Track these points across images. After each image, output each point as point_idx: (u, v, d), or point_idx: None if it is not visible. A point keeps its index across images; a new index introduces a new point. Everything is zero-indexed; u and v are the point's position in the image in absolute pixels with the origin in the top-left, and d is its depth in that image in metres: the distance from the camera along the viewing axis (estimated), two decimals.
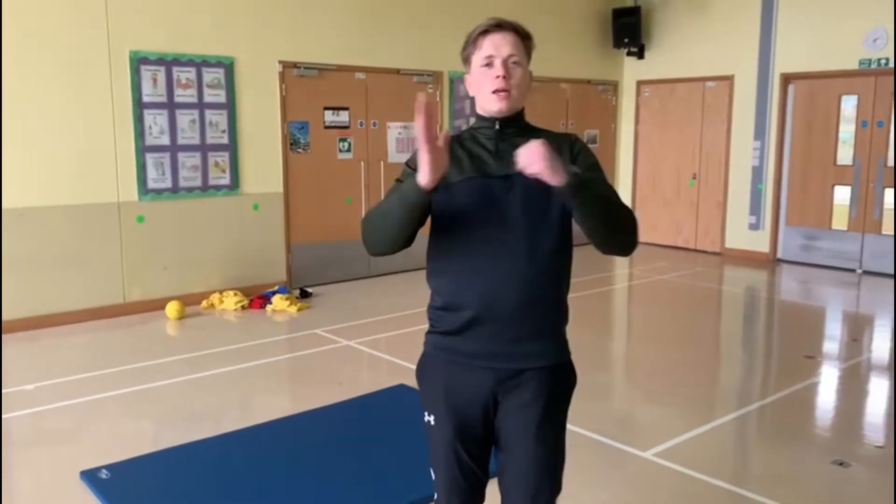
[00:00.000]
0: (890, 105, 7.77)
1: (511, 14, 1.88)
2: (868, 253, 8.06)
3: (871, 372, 5.05)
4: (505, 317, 1.81)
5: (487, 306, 1.81)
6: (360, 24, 7.30)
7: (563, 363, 1.92)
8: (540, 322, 1.85)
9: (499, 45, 1.84)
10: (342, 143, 7.39)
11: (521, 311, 1.81)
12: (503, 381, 1.85)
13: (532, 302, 1.82)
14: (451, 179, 1.81)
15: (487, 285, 1.81)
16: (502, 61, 1.83)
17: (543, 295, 1.84)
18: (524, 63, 1.87)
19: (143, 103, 6.08)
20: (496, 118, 1.87)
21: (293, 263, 7.15)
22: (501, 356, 1.84)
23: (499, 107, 1.84)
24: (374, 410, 4.17)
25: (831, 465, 3.51)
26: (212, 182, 6.53)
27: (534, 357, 1.85)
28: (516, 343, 1.83)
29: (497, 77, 1.82)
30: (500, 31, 1.85)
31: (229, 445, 3.68)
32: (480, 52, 1.85)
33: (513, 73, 1.84)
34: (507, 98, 1.83)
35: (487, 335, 1.83)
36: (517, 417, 1.86)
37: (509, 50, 1.84)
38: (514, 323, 1.82)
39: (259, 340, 5.51)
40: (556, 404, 1.90)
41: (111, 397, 4.38)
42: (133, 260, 6.15)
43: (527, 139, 1.76)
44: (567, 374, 1.93)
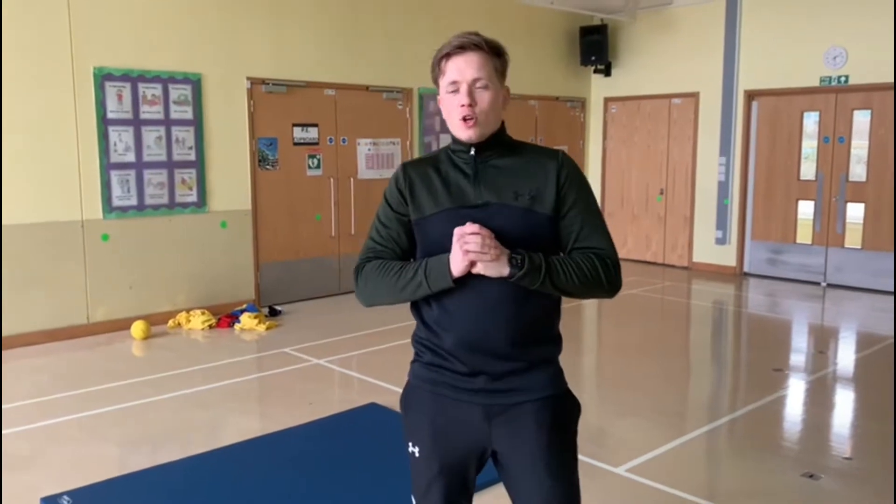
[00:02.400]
0: (850, 121, 7.94)
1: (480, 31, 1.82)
2: (832, 266, 8.20)
3: (837, 384, 5.11)
4: (492, 350, 1.74)
5: (474, 339, 1.75)
6: (329, 41, 7.29)
7: (558, 394, 1.82)
8: (530, 353, 1.77)
9: (462, 69, 1.72)
10: (311, 159, 7.34)
11: (508, 343, 1.74)
12: (494, 416, 1.77)
13: (520, 333, 1.75)
14: (427, 212, 1.77)
15: (473, 318, 1.74)
16: (467, 87, 1.72)
17: (532, 325, 1.77)
18: (494, 84, 1.75)
19: (108, 120, 5.99)
20: (470, 144, 1.78)
21: (262, 281, 7.07)
22: (491, 391, 1.76)
23: (467, 135, 1.75)
24: (346, 430, 4.12)
25: (801, 477, 3.54)
26: (178, 199, 6.44)
27: (526, 390, 1.77)
28: (506, 376, 1.76)
29: (462, 105, 1.72)
30: (462, 54, 1.73)
31: (197, 468, 3.60)
32: (444, 77, 1.76)
33: (479, 99, 1.73)
34: (476, 125, 1.73)
35: (474, 369, 1.76)
36: (521, 454, 1.77)
37: (473, 73, 1.72)
38: (502, 356, 1.75)
39: (227, 360, 5.43)
40: (560, 435, 1.80)
41: (73, 420, 4.27)
42: (97, 279, 6.03)
43: (505, 160, 1.76)
44: (566, 403, 1.83)
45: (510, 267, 1.65)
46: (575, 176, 1.79)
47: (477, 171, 1.78)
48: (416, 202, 1.79)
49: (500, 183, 1.76)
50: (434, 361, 1.81)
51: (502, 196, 1.74)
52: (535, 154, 1.81)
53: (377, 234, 1.85)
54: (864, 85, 7.72)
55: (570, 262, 1.72)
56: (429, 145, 8.26)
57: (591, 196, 1.82)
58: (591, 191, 1.82)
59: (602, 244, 1.77)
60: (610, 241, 1.80)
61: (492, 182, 1.76)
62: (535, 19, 9.04)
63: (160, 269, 6.37)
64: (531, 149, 1.84)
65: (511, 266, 1.65)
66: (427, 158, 1.87)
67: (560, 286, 1.71)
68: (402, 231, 1.82)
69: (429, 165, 1.83)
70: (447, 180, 1.79)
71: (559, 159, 1.79)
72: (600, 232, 1.78)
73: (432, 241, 1.76)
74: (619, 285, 1.79)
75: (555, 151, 1.82)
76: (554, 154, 1.81)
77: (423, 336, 1.83)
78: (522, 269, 1.65)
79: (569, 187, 1.76)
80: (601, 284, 1.74)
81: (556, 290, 1.71)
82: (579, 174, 1.81)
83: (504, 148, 1.81)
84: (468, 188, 1.76)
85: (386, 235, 1.83)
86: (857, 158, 7.98)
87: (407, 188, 1.81)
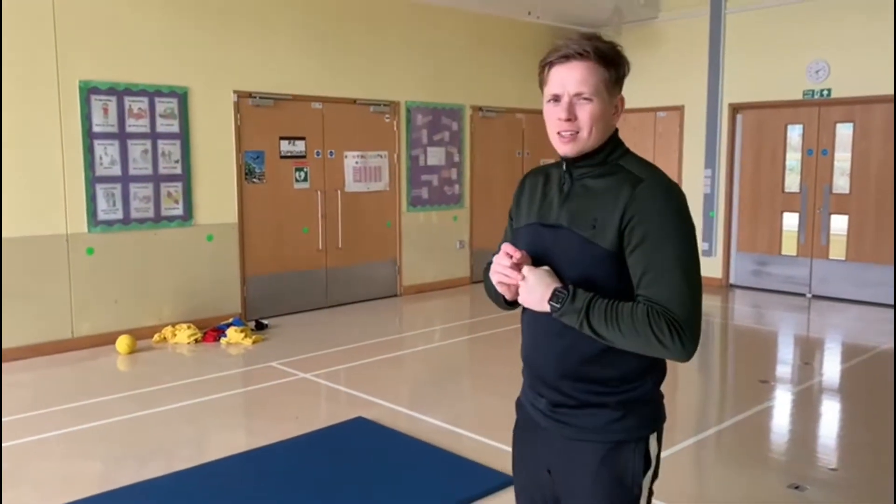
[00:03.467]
0: (833, 134, 8.02)
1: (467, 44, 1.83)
2: (817, 278, 8.26)
3: (822, 395, 5.14)
4: (544, 377, 1.66)
5: (531, 361, 1.70)
6: (316, 54, 7.31)
7: (621, 441, 1.62)
8: (581, 391, 1.62)
9: (565, 80, 1.59)
10: (298, 172, 7.34)
11: (558, 374, 1.63)
12: (555, 454, 1.67)
13: (569, 368, 1.61)
14: (519, 223, 1.75)
15: (530, 340, 1.70)
16: (568, 100, 1.58)
17: (583, 363, 1.60)
18: (601, 96, 1.58)
19: (94, 133, 5.96)
20: (565, 158, 1.66)
21: (248, 295, 7.04)
22: (551, 417, 1.67)
23: (563, 150, 1.63)
24: (333, 444, 4.09)
25: (787, 488, 3.55)
26: (164, 213, 6.41)
27: (577, 428, 1.63)
28: (560, 408, 1.65)
29: (559, 119, 1.60)
30: (566, 63, 1.59)
31: (182, 484, 3.57)
32: (547, 86, 1.64)
33: (581, 113, 1.58)
34: (573, 141, 1.60)
35: (537, 390, 1.70)
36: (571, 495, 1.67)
37: (577, 87, 1.57)
38: (552, 386, 1.65)
39: (213, 374, 5.39)
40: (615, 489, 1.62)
41: (58, 436, 4.22)
42: (82, 293, 5.99)
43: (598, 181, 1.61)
44: (625, 455, 1.63)
45: (550, 301, 1.53)
46: (651, 210, 1.52)
47: (569, 189, 1.65)
48: (517, 211, 1.78)
49: (582, 205, 1.60)
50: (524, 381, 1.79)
51: (576, 220, 1.59)
52: (624, 176, 1.59)
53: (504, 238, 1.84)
54: (846, 98, 7.81)
55: (620, 311, 1.50)
56: (416, 158, 8.27)
57: (675, 238, 1.52)
58: (676, 231, 1.53)
59: (665, 295, 1.49)
60: (682, 294, 1.50)
61: (574, 203, 1.62)
62: (520, 33, 9.10)
63: (146, 283, 6.33)
64: (630, 170, 1.62)
65: (552, 300, 1.53)
66: (546, 167, 1.79)
67: (602, 335, 1.52)
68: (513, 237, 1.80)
69: (542, 175, 1.76)
70: (545, 193, 1.70)
71: (636, 188, 1.55)
72: (668, 281, 1.50)
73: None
74: (687, 348, 1.50)
75: (638, 179, 1.57)
76: (636, 180, 1.57)
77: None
78: (561, 308, 1.52)
79: (637, 222, 1.52)
80: (651, 344, 1.49)
81: (599, 338, 1.53)
82: (662, 208, 1.53)
83: (604, 165, 1.63)
84: (553, 205, 1.66)
85: (505, 237, 1.83)
86: (841, 171, 8.06)
87: (517, 195, 1.80)
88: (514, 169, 9.32)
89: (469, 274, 8.91)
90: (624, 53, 1.64)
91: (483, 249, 9.01)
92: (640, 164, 1.63)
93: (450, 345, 6.38)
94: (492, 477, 3.56)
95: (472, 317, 7.61)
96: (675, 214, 1.54)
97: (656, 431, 1.69)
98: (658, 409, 1.71)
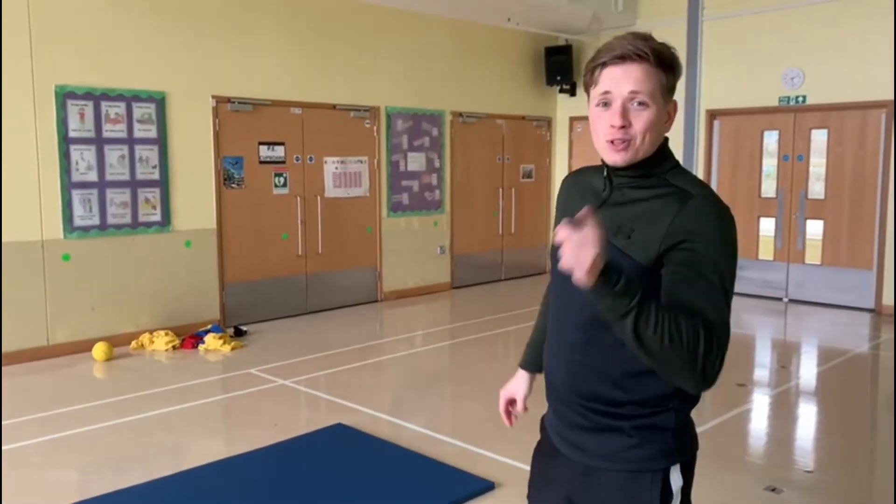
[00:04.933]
0: (808, 140, 8.13)
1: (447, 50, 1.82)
2: (793, 282, 8.35)
3: (799, 398, 5.19)
4: (562, 395, 1.57)
5: (549, 379, 1.63)
6: (295, 59, 7.29)
7: (636, 471, 1.51)
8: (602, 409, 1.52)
9: (618, 80, 1.44)
10: (278, 178, 7.31)
11: (574, 391, 1.54)
12: (573, 478, 1.58)
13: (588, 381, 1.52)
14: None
15: (550, 352, 1.63)
16: (622, 103, 1.44)
17: (605, 375, 1.50)
18: (657, 101, 1.45)
19: (70, 138, 5.90)
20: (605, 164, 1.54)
21: (227, 301, 6.99)
22: (567, 440, 1.58)
23: (612, 159, 1.48)
24: (312, 451, 4.07)
25: (764, 491, 3.58)
26: (142, 219, 6.36)
27: (590, 453, 1.54)
28: (575, 429, 1.56)
29: (612, 126, 1.45)
30: (621, 64, 1.44)
31: (160, 492, 3.53)
32: (597, 87, 1.48)
33: (636, 118, 1.44)
34: (626, 150, 1.45)
35: (554, 416, 1.63)
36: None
37: (632, 86, 1.43)
38: (567, 403, 1.57)
39: (191, 381, 5.35)
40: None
41: (33, 445, 4.16)
42: (58, 300, 5.92)
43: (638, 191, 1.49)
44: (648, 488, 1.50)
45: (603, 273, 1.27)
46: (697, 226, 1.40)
47: (608, 195, 1.54)
48: (558, 215, 1.70)
49: (620, 215, 1.48)
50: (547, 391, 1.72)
51: (611, 227, 1.43)
52: (668, 189, 1.47)
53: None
54: (820, 105, 7.92)
55: (670, 314, 1.32)
56: (396, 164, 8.27)
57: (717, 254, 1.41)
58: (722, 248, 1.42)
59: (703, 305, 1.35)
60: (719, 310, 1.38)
61: (612, 212, 1.49)
62: (500, 40, 9.14)
63: (123, 290, 6.27)
64: (677, 184, 1.49)
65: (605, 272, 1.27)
66: (589, 168, 1.67)
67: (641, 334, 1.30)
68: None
69: (582, 176, 1.67)
70: (582, 198, 1.58)
71: (685, 204, 1.43)
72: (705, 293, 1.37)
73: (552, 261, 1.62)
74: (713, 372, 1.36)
75: (688, 195, 1.45)
76: (685, 197, 1.44)
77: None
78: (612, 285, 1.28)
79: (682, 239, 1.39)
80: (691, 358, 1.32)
81: (635, 337, 1.31)
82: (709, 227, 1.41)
83: (649, 177, 1.50)
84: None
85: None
86: (816, 176, 8.16)
87: (560, 199, 1.73)
88: (493, 174, 9.35)
89: (450, 279, 8.91)
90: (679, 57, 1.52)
91: (463, 254, 9.02)
92: (689, 179, 1.51)
93: (430, 350, 6.38)
94: (473, 483, 3.56)
95: (452, 322, 7.61)
96: (724, 238, 1.43)
97: (681, 463, 1.55)
98: (684, 438, 1.57)
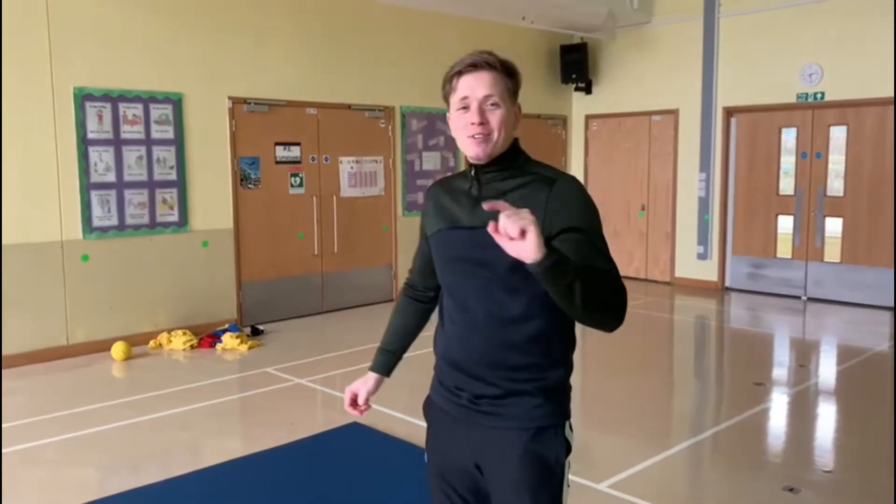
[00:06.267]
0: (826, 137, 8.06)
1: (461, 49, 1.86)
2: (812, 280, 8.28)
3: (818, 397, 5.15)
4: (468, 370, 1.76)
5: (453, 359, 1.79)
6: (310, 60, 7.32)
7: (542, 427, 1.73)
8: (508, 375, 1.72)
9: (474, 86, 1.71)
10: (294, 178, 7.34)
11: (484, 363, 1.73)
12: (479, 436, 1.76)
13: (494, 351, 1.72)
14: (431, 230, 1.85)
15: (456, 335, 1.79)
16: (478, 104, 1.70)
17: (508, 344, 1.71)
18: (505, 102, 1.72)
19: (88, 140, 5.96)
20: (474, 164, 1.76)
21: (244, 301, 7.03)
22: (473, 410, 1.76)
23: (475, 152, 1.72)
24: (328, 450, 4.09)
25: (782, 491, 3.55)
26: (159, 219, 6.41)
27: (502, 417, 1.73)
28: (483, 399, 1.74)
29: (472, 123, 1.70)
30: (474, 72, 1.72)
31: (178, 490, 3.56)
32: (455, 94, 1.75)
33: (491, 116, 1.71)
34: (486, 142, 1.70)
35: (457, 386, 1.79)
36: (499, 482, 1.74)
37: (486, 90, 1.70)
38: (477, 377, 1.74)
39: (208, 380, 5.38)
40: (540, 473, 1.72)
41: (52, 443, 4.21)
42: (77, 300, 5.98)
43: (507, 182, 1.72)
44: (552, 441, 1.73)
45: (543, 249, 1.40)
46: (567, 201, 1.67)
47: (478, 192, 1.74)
48: (427, 220, 1.88)
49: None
50: (437, 375, 1.88)
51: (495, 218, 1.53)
52: (536, 178, 1.72)
53: (417, 249, 2.01)
54: (839, 101, 7.84)
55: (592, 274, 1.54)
56: (411, 163, 8.28)
57: (593, 223, 1.67)
58: (593, 218, 1.68)
59: (602, 264, 1.61)
60: (612, 262, 1.64)
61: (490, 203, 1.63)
62: (515, 38, 9.12)
63: (141, 290, 6.32)
64: (538, 172, 1.75)
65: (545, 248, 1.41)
66: (452, 176, 1.91)
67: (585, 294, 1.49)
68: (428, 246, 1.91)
69: (448, 183, 1.88)
70: (453, 199, 1.80)
71: (556, 186, 1.69)
72: (602, 255, 1.63)
73: (435, 257, 1.85)
74: (625, 311, 1.62)
75: (552, 177, 1.71)
76: (550, 180, 1.71)
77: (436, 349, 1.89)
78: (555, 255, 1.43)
79: (556, 212, 1.64)
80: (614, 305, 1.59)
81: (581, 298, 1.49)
82: (577, 201, 1.68)
83: (510, 169, 1.75)
84: (467, 209, 1.75)
85: (419, 250, 2.00)
86: (835, 173, 8.08)
87: (427, 205, 1.90)
88: None
89: None
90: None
91: None
92: (542, 166, 1.78)
93: None
94: None
95: None
96: (589, 206, 1.70)
97: (569, 421, 1.80)
98: (568, 399, 1.82)
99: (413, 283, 2.06)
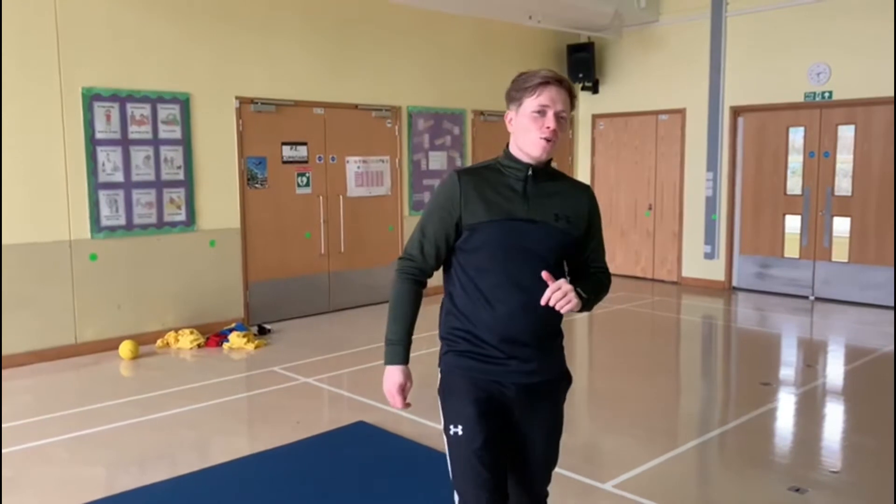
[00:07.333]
0: (834, 136, 8.03)
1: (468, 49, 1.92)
2: (819, 280, 8.25)
3: (825, 397, 5.13)
4: (524, 341, 2.07)
5: (506, 333, 2.06)
6: (318, 60, 7.33)
7: (565, 370, 2.23)
8: (550, 342, 2.16)
9: (555, 99, 2.04)
10: (301, 177, 7.36)
11: (535, 336, 2.09)
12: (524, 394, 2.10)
13: (545, 326, 2.11)
14: (479, 219, 2.04)
15: (508, 313, 2.05)
16: (554, 114, 2.04)
17: (552, 321, 2.13)
18: (567, 119, 2.09)
19: (96, 140, 5.99)
20: (530, 164, 2.08)
21: (251, 300, 7.06)
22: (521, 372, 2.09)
23: (539, 153, 2.06)
24: (335, 448, 4.10)
25: (788, 491, 3.54)
26: (167, 219, 6.43)
27: (546, 371, 2.13)
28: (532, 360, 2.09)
29: (548, 128, 2.03)
30: (558, 87, 2.05)
31: (185, 489, 3.58)
32: (536, 99, 2.03)
33: (559, 128, 2.05)
34: (551, 148, 2.05)
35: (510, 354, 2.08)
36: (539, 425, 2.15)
37: (562, 106, 2.04)
38: (533, 344, 2.09)
39: (215, 379, 5.40)
40: (561, 407, 2.23)
41: (60, 441, 4.23)
42: (85, 299, 6.01)
43: (550, 185, 2.12)
44: (567, 381, 2.23)
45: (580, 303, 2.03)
46: (597, 207, 2.22)
47: (527, 190, 2.09)
48: (469, 208, 2.06)
49: (546, 204, 2.09)
50: (471, 350, 2.10)
51: (546, 215, 2.08)
52: (571, 184, 2.22)
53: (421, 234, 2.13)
54: (847, 100, 7.81)
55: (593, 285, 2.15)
56: (418, 163, 8.29)
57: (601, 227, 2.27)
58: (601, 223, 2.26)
59: (604, 261, 2.27)
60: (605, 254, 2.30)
61: (538, 202, 2.08)
62: (522, 38, 9.12)
63: (149, 289, 6.35)
64: (567, 179, 2.24)
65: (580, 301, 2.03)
66: (479, 169, 2.15)
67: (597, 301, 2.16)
68: (451, 232, 2.08)
69: (481, 175, 2.11)
70: (496, 192, 2.08)
71: (590, 194, 2.22)
72: (602, 251, 2.26)
73: (481, 243, 2.06)
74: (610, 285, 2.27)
75: (586, 185, 2.25)
76: (586, 188, 2.23)
77: (459, 327, 2.11)
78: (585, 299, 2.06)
79: (593, 216, 2.19)
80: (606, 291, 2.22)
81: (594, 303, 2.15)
82: (599, 209, 2.25)
83: (551, 174, 2.15)
84: (519, 204, 2.07)
85: (431, 237, 2.11)
86: (843, 173, 8.05)
87: (455, 194, 2.07)
88: None
89: None
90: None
91: None
92: (565, 174, 2.29)
93: None
94: None
95: None
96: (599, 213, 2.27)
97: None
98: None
99: (423, 268, 2.15)
